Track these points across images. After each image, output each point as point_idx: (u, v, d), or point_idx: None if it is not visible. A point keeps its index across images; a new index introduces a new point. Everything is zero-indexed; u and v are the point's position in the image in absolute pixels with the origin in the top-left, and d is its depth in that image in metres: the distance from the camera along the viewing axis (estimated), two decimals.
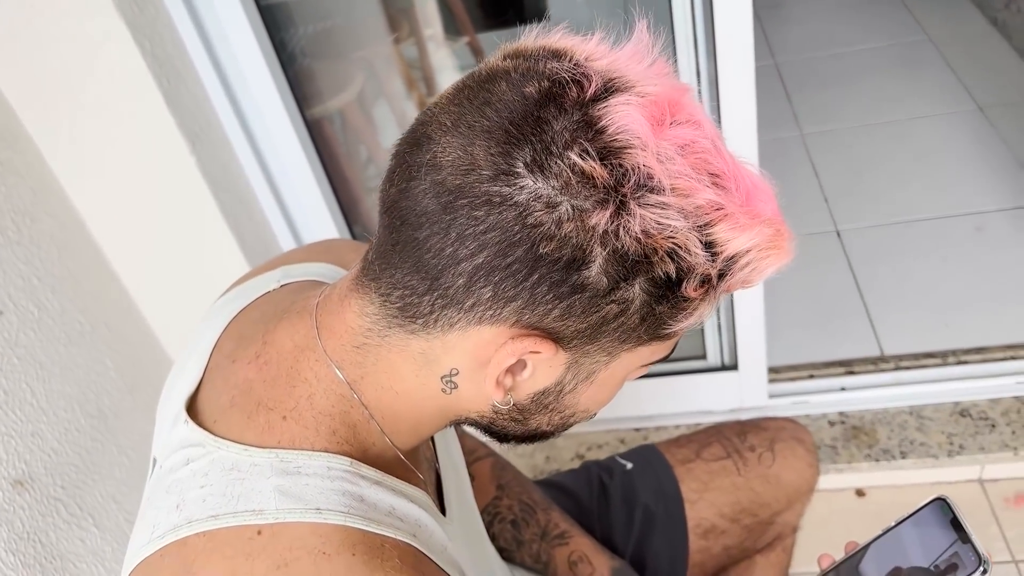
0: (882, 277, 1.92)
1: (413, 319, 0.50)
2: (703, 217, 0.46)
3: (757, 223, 0.47)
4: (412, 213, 0.47)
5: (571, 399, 0.55)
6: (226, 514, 0.48)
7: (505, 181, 0.45)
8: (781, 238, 0.48)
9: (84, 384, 1.17)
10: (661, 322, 0.49)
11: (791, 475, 0.95)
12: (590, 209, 0.44)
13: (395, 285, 0.49)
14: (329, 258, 0.69)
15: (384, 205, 0.50)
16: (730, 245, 0.46)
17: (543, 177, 0.44)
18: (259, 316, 0.60)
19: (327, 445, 0.52)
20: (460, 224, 0.45)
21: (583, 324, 0.48)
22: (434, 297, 0.48)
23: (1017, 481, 1.51)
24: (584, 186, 0.44)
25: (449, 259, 0.46)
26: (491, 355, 0.49)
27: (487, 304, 0.47)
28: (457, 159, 0.46)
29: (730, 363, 1.60)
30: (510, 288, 0.46)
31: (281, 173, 1.38)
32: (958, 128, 2.33)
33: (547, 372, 0.51)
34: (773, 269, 0.49)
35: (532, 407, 0.55)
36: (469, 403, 0.54)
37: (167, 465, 0.54)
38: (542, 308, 0.47)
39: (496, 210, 0.45)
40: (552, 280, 0.46)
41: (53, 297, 1.14)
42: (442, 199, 0.46)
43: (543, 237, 0.45)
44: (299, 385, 0.53)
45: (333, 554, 0.47)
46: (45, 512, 1.05)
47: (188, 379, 0.59)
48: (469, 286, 0.47)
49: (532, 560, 0.88)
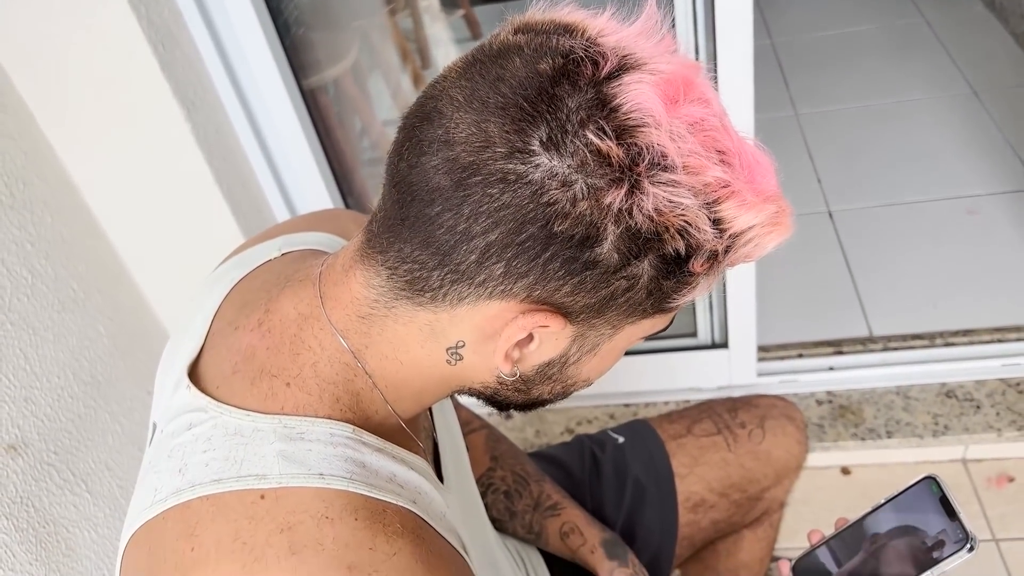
0: (873, 258, 1.93)
1: (421, 292, 0.50)
2: (711, 194, 0.46)
3: (761, 200, 0.48)
4: (423, 189, 0.47)
5: (574, 370, 0.56)
6: (229, 478, 0.49)
7: (520, 159, 0.45)
8: (783, 215, 0.49)
9: (77, 350, 1.17)
10: (666, 296, 0.50)
11: (780, 452, 0.96)
12: (604, 188, 0.45)
13: (403, 259, 0.49)
14: (331, 228, 0.69)
15: (392, 179, 0.50)
16: (736, 222, 0.47)
17: (558, 155, 0.44)
18: (261, 284, 0.60)
19: (330, 412, 0.53)
20: (474, 201, 0.45)
21: (592, 299, 0.49)
22: (444, 272, 0.48)
23: (1000, 462, 1.53)
24: (600, 165, 0.44)
25: (462, 235, 0.46)
26: (499, 328, 0.50)
27: (499, 280, 0.47)
28: (471, 136, 0.46)
29: (720, 341, 1.61)
30: (523, 264, 0.47)
31: (276, 142, 1.37)
32: (952, 111, 2.33)
33: (553, 345, 0.52)
34: (775, 245, 0.49)
35: (536, 378, 0.56)
36: (474, 374, 0.55)
37: (168, 430, 0.54)
38: (553, 284, 0.47)
39: (511, 188, 0.45)
40: (565, 257, 0.46)
41: (46, 263, 1.14)
42: (455, 176, 0.46)
43: (557, 215, 0.45)
44: (303, 353, 0.54)
45: (336, 518, 0.47)
46: (38, 477, 1.06)
47: (190, 345, 0.59)
48: (481, 262, 0.47)
49: (524, 530, 0.90)
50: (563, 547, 0.89)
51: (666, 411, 1.66)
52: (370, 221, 0.53)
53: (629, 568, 0.86)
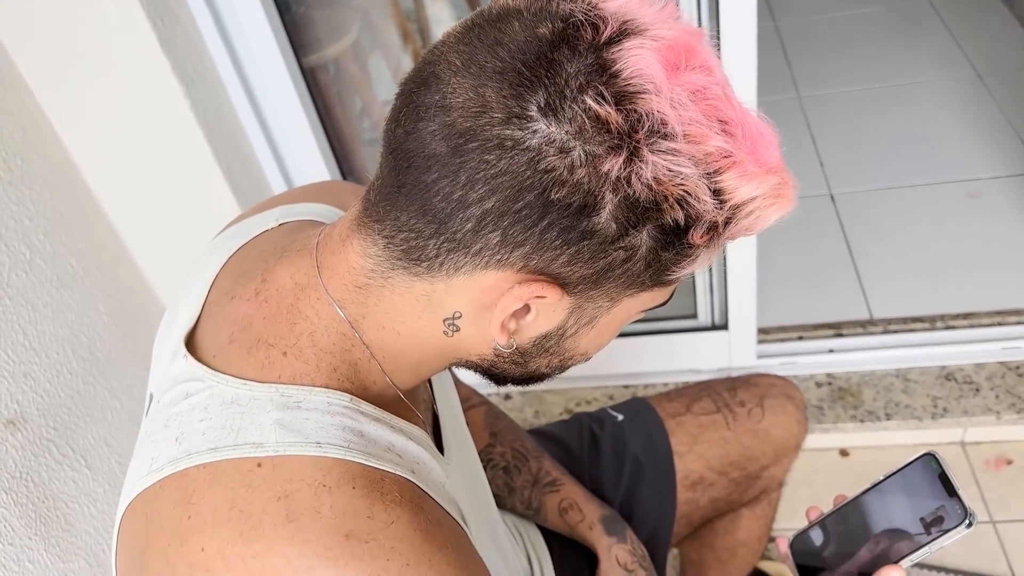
0: (874, 241, 1.93)
1: (418, 262, 0.49)
2: (712, 164, 0.46)
3: (763, 172, 0.47)
4: (420, 155, 0.46)
5: (572, 342, 0.55)
6: (226, 446, 0.49)
7: (518, 124, 0.44)
8: (785, 187, 0.48)
9: (76, 327, 1.17)
10: (665, 268, 0.49)
11: (779, 431, 0.96)
12: (603, 155, 0.44)
13: (400, 228, 0.49)
14: (328, 199, 0.69)
15: (389, 146, 0.49)
16: (737, 193, 0.46)
17: (556, 121, 0.44)
18: (258, 254, 0.60)
19: (327, 381, 0.53)
20: (470, 168, 0.45)
21: (589, 270, 0.48)
22: (440, 241, 0.48)
23: (998, 444, 1.53)
24: (598, 131, 0.44)
25: (458, 203, 0.46)
26: (496, 299, 0.49)
27: (495, 249, 0.47)
28: (468, 100, 0.45)
29: (720, 323, 1.61)
30: (519, 233, 0.46)
31: (276, 120, 1.36)
32: (956, 94, 2.32)
33: (551, 316, 0.52)
34: (776, 218, 0.49)
35: (533, 350, 0.55)
36: (471, 345, 0.54)
37: (165, 400, 0.54)
38: (550, 253, 0.47)
39: (508, 154, 0.44)
40: (562, 226, 0.46)
41: (45, 239, 1.14)
42: (452, 142, 0.45)
43: (555, 182, 0.44)
44: (300, 322, 0.53)
45: (333, 487, 0.47)
46: (37, 452, 1.06)
47: (186, 315, 0.59)
48: (478, 230, 0.46)
49: (523, 506, 0.90)
50: (561, 523, 0.89)
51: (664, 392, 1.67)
52: (367, 190, 0.53)
53: (627, 544, 0.86)
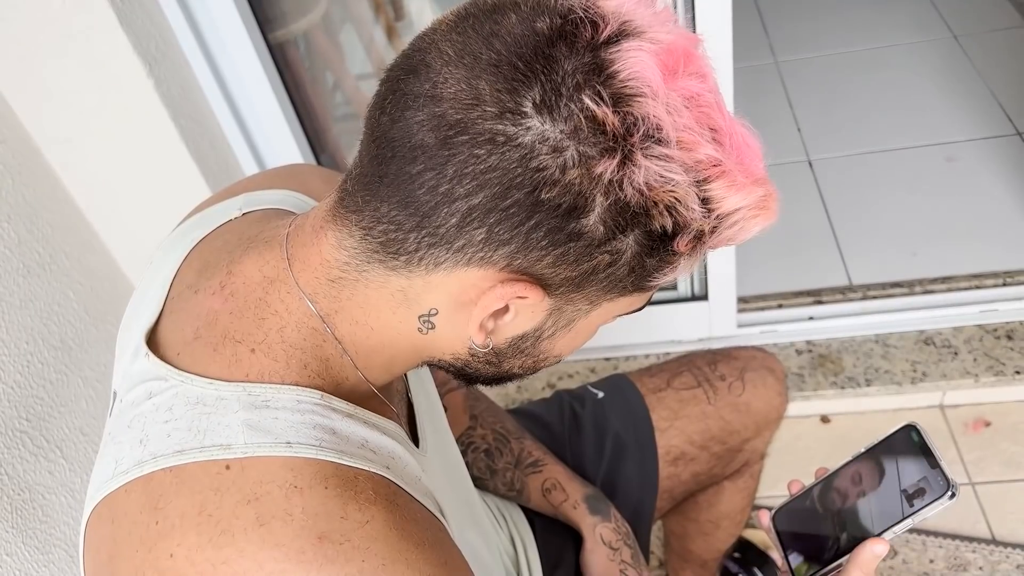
0: (852, 207, 1.93)
1: (396, 255, 0.48)
2: (702, 172, 0.45)
3: (751, 183, 0.46)
4: (405, 145, 0.45)
5: (548, 344, 0.54)
6: (192, 449, 0.47)
7: (511, 120, 0.43)
8: (770, 199, 0.48)
9: (46, 315, 1.15)
10: (647, 274, 0.49)
11: (760, 404, 0.96)
12: (596, 157, 0.43)
13: (379, 219, 0.47)
14: (293, 184, 0.67)
15: (372, 133, 0.47)
16: (724, 203, 0.46)
17: (551, 119, 0.43)
18: (222, 245, 0.58)
19: (297, 379, 0.51)
20: (459, 161, 0.44)
21: (573, 272, 0.47)
22: (422, 235, 0.46)
23: (977, 407, 1.55)
24: (593, 132, 0.43)
25: (443, 197, 0.44)
26: (475, 297, 0.48)
27: (479, 246, 0.46)
28: (460, 92, 0.44)
29: (700, 293, 1.61)
30: (505, 231, 0.45)
31: (244, 98, 1.33)
32: (932, 57, 2.31)
33: (529, 318, 0.51)
34: (759, 229, 0.48)
35: (508, 351, 0.54)
36: (445, 344, 0.53)
37: (128, 399, 0.53)
38: (535, 254, 0.46)
39: (499, 150, 0.43)
40: (549, 226, 0.45)
41: (9, 227, 1.11)
42: (441, 133, 0.44)
43: (546, 182, 0.43)
44: (269, 317, 0.52)
45: (305, 487, 0.46)
46: (10, 444, 1.04)
47: (148, 310, 0.57)
48: (462, 226, 0.45)
49: (505, 488, 0.89)
50: (545, 503, 0.89)
51: (647, 364, 1.67)
52: (344, 179, 0.51)
53: (611, 523, 0.86)
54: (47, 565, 1.07)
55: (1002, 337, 1.55)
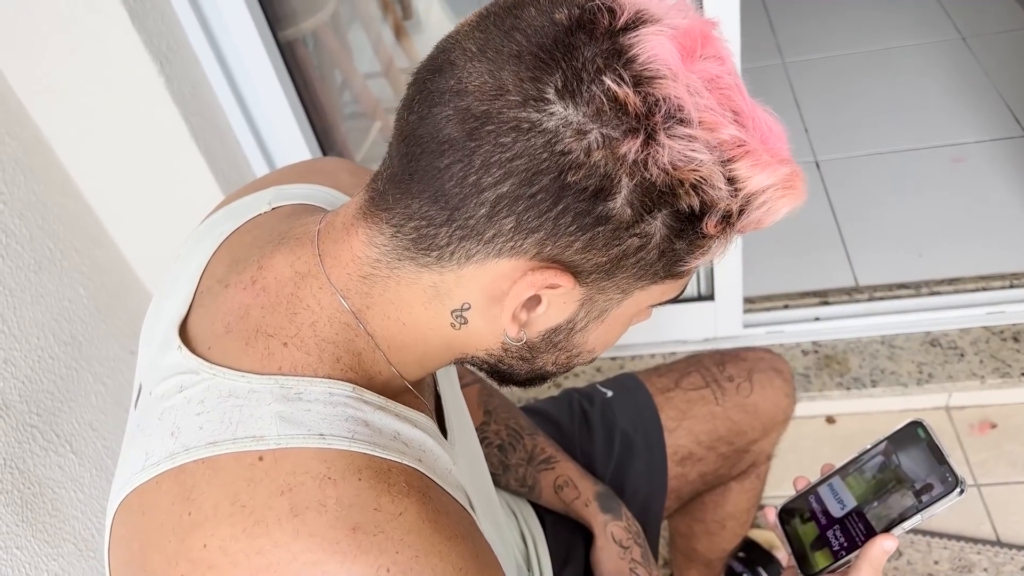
0: (859, 208, 1.93)
1: (427, 251, 0.48)
2: (726, 152, 0.45)
3: (776, 162, 0.47)
4: (434, 140, 0.46)
5: (580, 337, 0.54)
6: (225, 440, 0.47)
7: (534, 107, 0.44)
8: (796, 178, 0.48)
9: (56, 311, 1.16)
10: (678, 259, 0.49)
11: (768, 405, 0.96)
12: (619, 138, 0.44)
13: (410, 216, 0.48)
14: (321, 179, 0.67)
15: (401, 133, 0.48)
16: (751, 182, 0.46)
17: (573, 104, 0.44)
18: (252, 240, 0.58)
19: (330, 372, 0.51)
20: (485, 151, 0.44)
21: (603, 258, 0.47)
22: (452, 228, 0.47)
23: (983, 409, 1.55)
24: (616, 113, 0.43)
25: (472, 188, 0.45)
26: (507, 289, 0.49)
27: (508, 235, 0.46)
28: (484, 84, 0.45)
29: (706, 293, 1.61)
30: (533, 218, 0.45)
31: (253, 96, 1.34)
32: (940, 58, 2.31)
33: (561, 308, 0.51)
34: (787, 210, 0.48)
35: (542, 345, 0.55)
36: (478, 339, 0.53)
37: (158, 392, 0.53)
38: (564, 240, 0.46)
39: (524, 137, 0.44)
40: (577, 210, 0.45)
41: (20, 223, 1.11)
42: (467, 125, 0.45)
43: (571, 165, 0.44)
44: (301, 312, 0.52)
45: (339, 479, 0.46)
46: (21, 439, 1.05)
47: (177, 303, 0.57)
48: (491, 216, 0.46)
49: (518, 484, 0.90)
50: (556, 500, 0.89)
51: (653, 364, 1.67)
52: (373, 179, 0.52)
53: (622, 521, 0.86)
54: (56, 559, 1.08)
55: (1008, 339, 1.55)
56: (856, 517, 0.64)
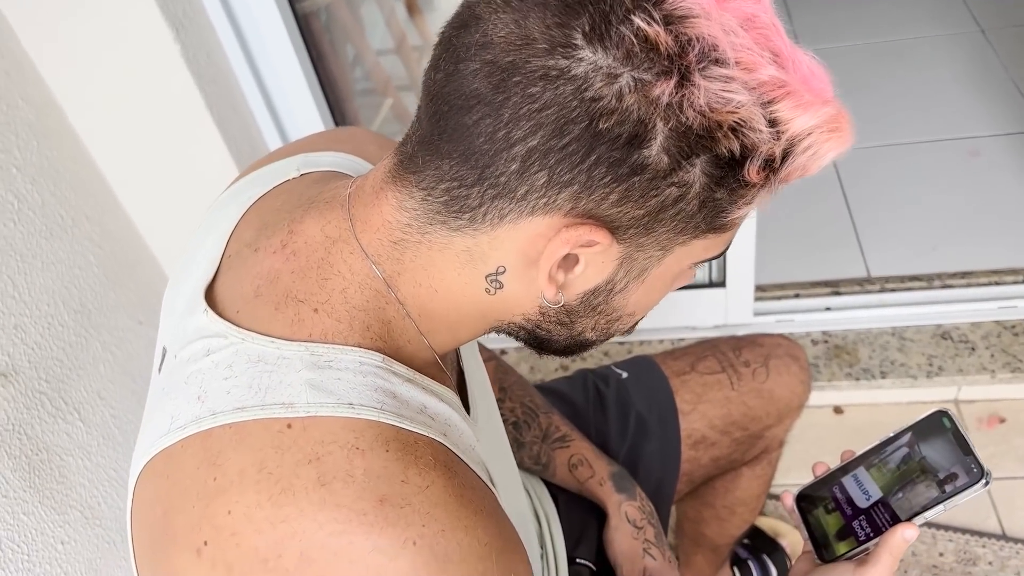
0: (873, 199, 1.92)
1: (459, 214, 0.47)
2: (766, 93, 0.43)
3: (819, 102, 0.45)
4: (461, 96, 0.44)
5: (620, 299, 0.53)
6: (253, 406, 0.47)
7: (562, 53, 0.42)
8: (843, 119, 0.46)
9: (67, 278, 1.15)
10: (719, 209, 0.47)
11: (783, 391, 0.95)
12: (652, 81, 0.42)
13: (441, 178, 0.47)
14: (348, 148, 0.66)
15: (428, 92, 0.47)
16: (793, 124, 0.44)
17: (602, 47, 0.42)
18: (281, 204, 0.57)
19: (360, 340, 0.50)
20: (514, 103, 0.43)
21: (640, 210, 0.46)
22: (484, 188, 0.46)
23: (992, 403, 1.54)
24: (647, 54, 0.42)
25: (502, 142, 0.44)
26: (542, 249, 0.47)
27: (541, 191, 0.45)
28: (509, 34, 0.43)
29: (718, 280, 1.60)
30: (566, 171, 0.44)
31: (268, 67, 1.32)
32: (959, 50, 2.29)
33: (599, 268, 0.49)
34: (833, 154, 0.46)
35: (580, 308, 0.53)
36: (514, 304, 0.52)
37: (183, 356, 0.52)
38: (599, 192, 0.45)
39: (552, 85, 0.42)
40: (611, 160, 0.43)
41: (32, 188, 1.10)
42: (494, 78, 0.43)
43: (603, 112, 0.42)
44: (332, 278, 0.51)
45: (367, 450, 0.45)
46: (30, 405, 1.04)
47: (204, 266, 0.56)
48: (523, 172, 0.44)
49: (532, 461, 0.89)
50: (570, 479, 0.89)
51: (662, 349, 1.66)
52: (403, 143, 0.50)
53: (637, 501, 0.86)
54: (63, 526, 1.07)
55: (1020, 334, 1.54)
56: (882, 507, 0.63)
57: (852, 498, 0.66)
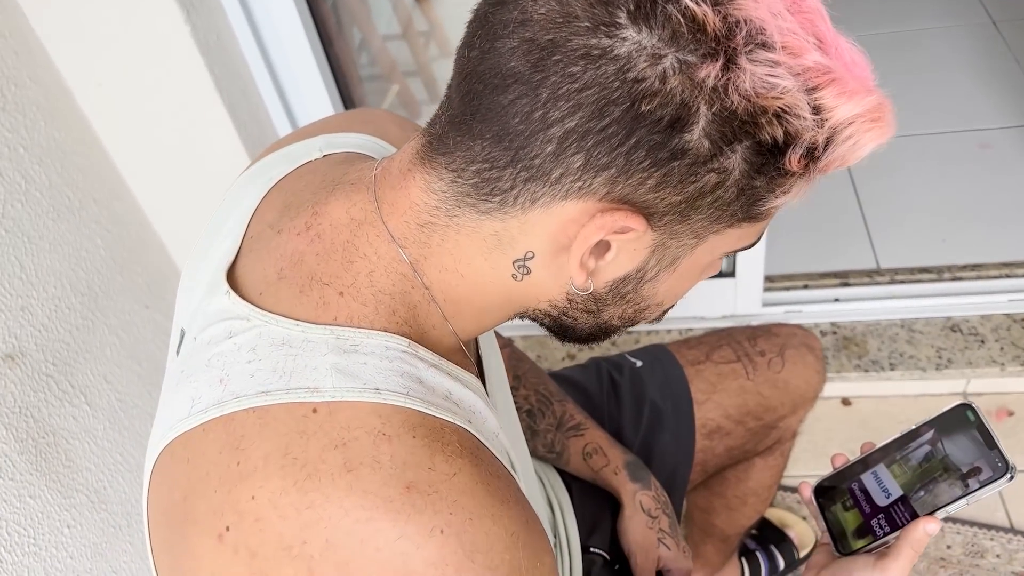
0: (883, 191, 1.90)
1: (489, 197, 0.46)
2: (811, 80, 0.42)
3: (863, 91, 0.44)
4: (497, 75, 0.43)
5: (650, 288, 0.52)
6: (278, 390, 0.46)
7: (606, 32, 0.41)
8: (885, 109, 0.45)
9: (74, 261, 1.14)
10: (757, 197, 0.46)
11: (799, 381, 0.95)
12: (697, 63, 0.41)
13: (472, 159, 0.46)
14: (370, 129, 0.65)
15: (462, 71, 0.46)
16: (837, 112, 0.43)
17: (647, 27, 0.41)
18: (305, 185, 0.56)
19: (386, 325, 0.49)
20: (552, 83, 0.42)
21: (678, 196, 0.45)
22: (517, 170, 0.44)
23: (1001, 396, 1.53)
24: (694, 35, 0.41)
25: (539, 123, 0.42)
26: (574, 234, 0.46)
27: (576, 174, 0.44)
28: (550, 11, 0.42)
29: (727, 270, 1.59)
30: (604, 154, 0.43)
31: (278, 49, 1.31)
32: (969, 42, 2.27)
33: (631, 255, 0.48)
34: (875, 144, 0.45)
35: (608, 296, 0.52)
36: (542, 290, 0.51)
37: (204, 338, 0.51)
38: (637, 177, 0.43)
39: (594, 64, 0.41)
40: (651, 143, 0.42)
41: (40, 169, 1.09)
42: (532, 56, 0.42)
43: (645, 94, 0.41)
44: (357, 261, 0.50)
45: (393, 435, 0.44)
46: (36, 388, 1.03)
47: (225, 247, 0.55)
48: (558, 154, 0.43)
49: (545, 449, 0.88)
50: (584, 467, 0.88)
51: (670, 339, 1.66)
52: (432, 122, 0.49)
53: (651, 491, 0.85)
54: (69, 509, 1.07)
55: None
56: (902, 505, 0.62)
57: (872, 496, 0.65)
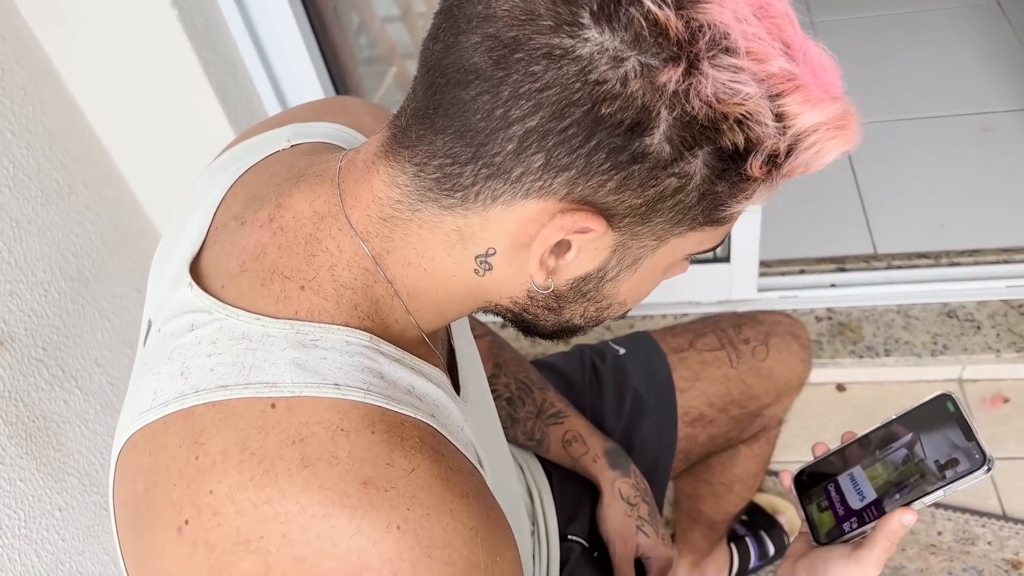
0: (882, 175, 1.89)
1: (451, 192, 0.46)
2: (775, 86, 0.42)
3: (828, 99, 0.43)
4: (459, 70, 0.43)
5: (611, 288, 0.52)
6: (237, 385, 0.46)
7: (568, 32, 0.40)
8: (850, 117, 0.45)
9: (63, 245, 1.14)
10: (718, 203, 0.46)
11: (783, 370, 0.94)
12: (659, 67, 0.40)
13: (434, 154, 0.46)
14: (343, 119, 0.65)
15: (426, 64, 0.45)
16: (800, 119, 0.43)
17: (610, 28, 0.40)
18: (269, 177, 0.56)
19: (347, 319, 0.49)
20: (514, 81, 0.41)
21: (638, 199, 0.45)
22: (478, 167, 0.44)
23: (996, 382, 1.53)
24: (656, 39, 0.40)
25: (500, 121, 0.42)
26: (534, 233, 0.46)
27: (537, 174, 0.43)
28: (514, 8, 0.41)
29: (722, 255, 1.58)
30: (564, 155, 0.43)
31: (269, 33, 1.30)
32: (974, 22, 2.24)
33: (592, 255, 0.48)
34: (838, 152, 0.45)
35: (570, 294, 0.52)
36: (503, 286, 0.51)
37: (167, 330, 0.51)
38: (597, 179, 0.43)
39: (556, 64, 0.41)
40: (611, 146, 0.42)
41: (28, 153, 1.09)
42: (495, 53, 0.42)
43: (606, 96, 0.41)
44: (319, 255, 0.50)
45: (352, 431, 0.44)
46: (26, 372, 1.04)
47: (190, 239, 0.55)
48: (519, 152, 0.43)
49: (525, 437, 0.89)
50: (564, 455, 0.88)
51: (664, 324, 1.65)
52: (397, 115, 0.49)
53: (631, 478, 0.85)
54: (60, 492, 1.08)
55: None
56: (875, 510, 0.62)
57: (846, 498, 0.64)
